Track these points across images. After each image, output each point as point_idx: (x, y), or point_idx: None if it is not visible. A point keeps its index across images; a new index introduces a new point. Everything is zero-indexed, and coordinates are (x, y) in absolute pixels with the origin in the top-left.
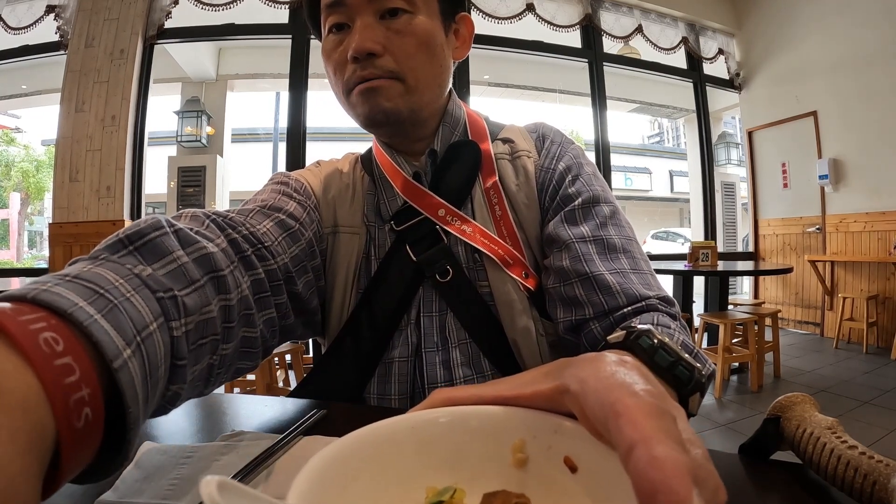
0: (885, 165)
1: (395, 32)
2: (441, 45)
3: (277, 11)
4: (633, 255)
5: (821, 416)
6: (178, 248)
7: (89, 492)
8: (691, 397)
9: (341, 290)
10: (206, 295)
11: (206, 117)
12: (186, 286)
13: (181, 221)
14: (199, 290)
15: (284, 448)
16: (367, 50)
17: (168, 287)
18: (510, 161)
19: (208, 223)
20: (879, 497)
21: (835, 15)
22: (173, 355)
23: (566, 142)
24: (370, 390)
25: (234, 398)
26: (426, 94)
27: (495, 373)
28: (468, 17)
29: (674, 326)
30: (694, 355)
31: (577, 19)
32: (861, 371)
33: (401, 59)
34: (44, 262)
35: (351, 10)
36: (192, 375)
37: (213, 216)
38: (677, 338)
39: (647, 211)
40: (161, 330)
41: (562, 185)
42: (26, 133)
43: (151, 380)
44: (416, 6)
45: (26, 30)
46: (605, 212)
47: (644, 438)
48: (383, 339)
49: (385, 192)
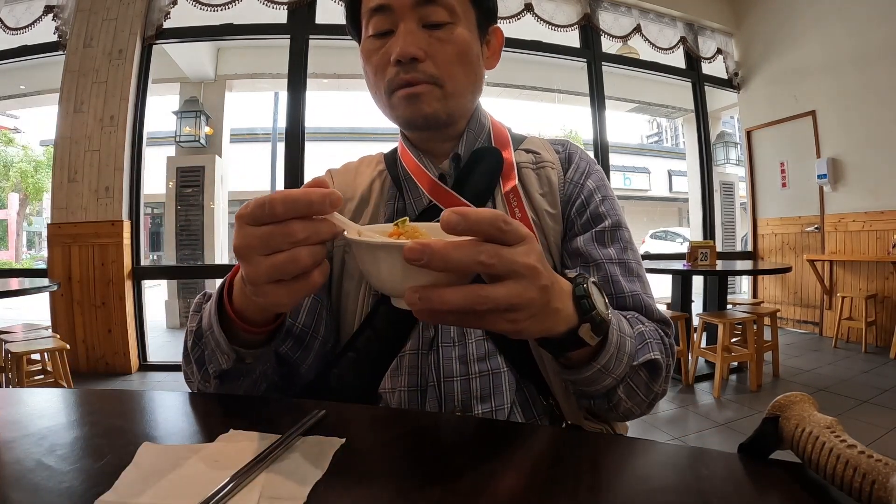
0: (883, 165)
1: (437, 40)
2: (477, 55)
3: (276, 11)
4: (643, 279)
5: (820, 415)
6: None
7: (89, 492)
8: (583, 325)
9: (354, 293)
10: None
11: (204, 117)
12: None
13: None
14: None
15: (284, 448)
16: (410, 55)
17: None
18: (534, 170)
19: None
20: (879, 496)
21: (834, 15)
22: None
23: (592, 162)
24: (384, 385)
25: (233, 398)
26: (462, 100)
27: (510, 369)
28: (499, 30)
29: (665, 343)
30: (638, 336)
31: (575, 19)
32: (860, 370)
33: (441, 65)
34: (42, 263)
35: (395, 16)
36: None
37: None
38: (607, 304)
39: (646, 210)
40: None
41: (590, 202)
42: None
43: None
44: (457, 16)
45: (25, 30)
46: (626, 237)
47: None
48: (402, 332)
49: (411, 192)
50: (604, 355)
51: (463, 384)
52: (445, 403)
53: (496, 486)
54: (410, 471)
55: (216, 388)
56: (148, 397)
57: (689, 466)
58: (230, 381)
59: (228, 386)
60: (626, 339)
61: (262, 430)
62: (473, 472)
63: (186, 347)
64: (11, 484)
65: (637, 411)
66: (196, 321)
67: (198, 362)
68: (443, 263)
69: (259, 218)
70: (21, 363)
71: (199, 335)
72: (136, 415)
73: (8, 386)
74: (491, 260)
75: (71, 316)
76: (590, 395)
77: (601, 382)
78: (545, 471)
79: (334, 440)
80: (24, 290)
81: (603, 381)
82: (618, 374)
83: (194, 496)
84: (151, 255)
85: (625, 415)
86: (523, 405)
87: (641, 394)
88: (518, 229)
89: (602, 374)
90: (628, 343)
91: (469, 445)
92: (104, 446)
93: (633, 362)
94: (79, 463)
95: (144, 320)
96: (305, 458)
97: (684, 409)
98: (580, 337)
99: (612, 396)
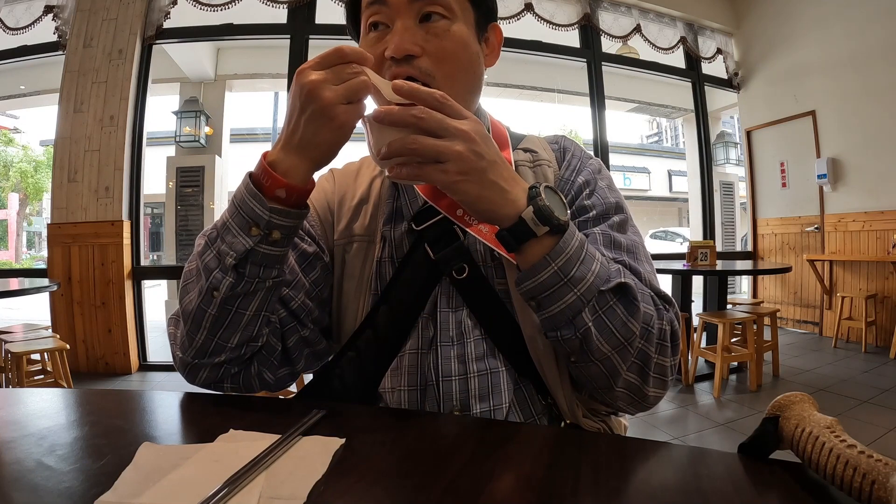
0: (883, 165)
1: (434, 36)
2: (476, 53)
3: (276, 11)
4: (638, 256)
5: (820, 415)
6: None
7: (89, 492)
8: (527, 209)
9: (354, 294)
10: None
11: (204, 117)
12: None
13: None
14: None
15: (284, 448)
16: (406, 51)
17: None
18: (531, 169)
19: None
20: (878, 496)
21: (834, 15)
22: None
23: (585, 156)
24: (384, 385)
25: (233, 398)
26: (459, 99)
27: (510, 368)
28: (498, 27)
29: (659, 306)
30: (615, 271)
31: (575, 19)
32: (860, 370)
33: (437, 61)
34: (42, 263)
35: (392, 10)
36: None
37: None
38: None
39: (646, 210)
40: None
41: (579, 196)
42: (25, 133)
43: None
44: (454, 13)
45: (24, 30)
46: (615, 220)
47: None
48: (402, 331)
49: (407, 192)
50: (559, 254)
51: (461, 383)
52: (444, 403)
53: (495, 486)
54: (410, 471)
55: (218, 309)
56: (148, 397)
57: (689, 466)
58: (233, 303)
59: (229, 311)
60: (594, 258)
61: (262, 430)
62: (473, 471)
63: (186, 282)
64: (11, 484)
65: (624, 371)
66: (201, 245)
67: (207, 268)
68: (389, 118)
69: (330, 60)
70: (21, 363)
71: (212, 239)
72: (136, 415)
73: (8, 386)
74: (422, 114)
75: (71, 316)
76: (556, 323)
77: (563, 297)
78: (544, 470)
79: (334, 440)
80: (24, 290)
81: (565, 296)
82: (580, 289)
83: (194, 496)
84: (151, 255)
85: (609, 371)
86: (522, 404)
87: (619, 333)
88: (460, 109)
89: (561, 281)
90: (596, 263)
91: (468, 445)
92: (104, 446)
93: (602, 286)
94: (79, 463)
95: (144, 320)
96: (305, 458)
97: (684, 409)
98: (525, 221)
99: (579, 323)
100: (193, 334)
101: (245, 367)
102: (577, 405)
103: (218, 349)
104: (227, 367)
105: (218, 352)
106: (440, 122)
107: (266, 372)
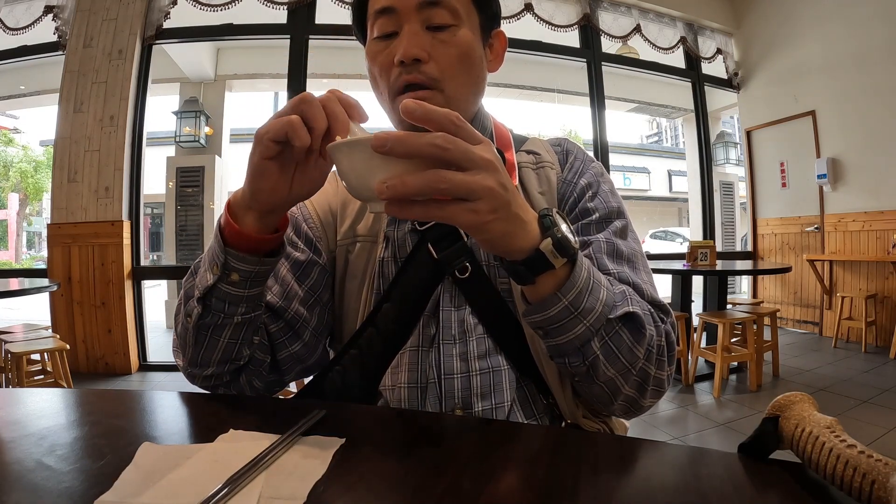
0: (883, 165)
1: (441, 42)
2: (480, 58)
3: (276, 12)
4: (637, 266)
5: (820, 415)
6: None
7: (89, 492)
8: (545, 240)
9: (357, 293)
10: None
11: (204, 117)
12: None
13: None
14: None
15: (284, 448)
16: (413, 56)
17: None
18: (534, 170)
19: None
20: (878, 496)
21: (833, 14)
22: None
23: (588, 159)
24: (385, 382)
25: (233, 398)
26: (463, 103)
27: (511, 367)
28: (502, 33)
29: (656, 318)
30: (620, 294)
31: (575, 19)
32: (860, 370)
33: (443, 66)
34: (42, 263)
35: (400, 17)
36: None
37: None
38: (572, 234)
39: (646, 210)
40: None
41: (581, 199)
42: (25, 133)
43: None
44: (460, 18)
45: (24, 30)
46: (617, 225)
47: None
48: (405, 329)
49: None
50: (571, 288)
51: (463, 381)
52: (446, 401)
53: (496, 486)
54: (410, 470)
55: (194, 333)
56: (148, 397)
57: (688, 466)
58: (206, 330)
59: (204, 336)
60: (600, 285)
61: (262, 430)
62: (473, 471)
63: (179, 301)
64: (11, 484)
65: (625, 389)
66: (192, 268)
67: (186, 294)
68: (402, 147)
69: (304, 105)
70: (21, 363)
71: (196, 266)
72: (136, 415)
73: (8, 386)
74: (447, 144)
75: (71, 316)
76: (563, 351)
77: (572, 329)
78: (544, 470)
79: (334, 440)
80: (24, 290)
81: (574, 328)
82: (590, 320)
83: (194, 496)
84: (151, 256)
85: (611, 391)
86: (523, 403)
87: (624, 359)
88: (474, 132)
89: (571, 314)
90: (603, 291)
91: (469, 445)
92: (104, 446)
93: (609, 314)
94: (79, 463)
95: (144, 320)
96: (305, 458)
97: (684, 409)
98: (543, 254)
99: (588, 352)
100: (182, 348)
101: (234, 378)
102: (577, 406)
103: (204, 363)
104: (216, 378)
105: (204, 365)
106: (465, 152)
107: (255, 380)
